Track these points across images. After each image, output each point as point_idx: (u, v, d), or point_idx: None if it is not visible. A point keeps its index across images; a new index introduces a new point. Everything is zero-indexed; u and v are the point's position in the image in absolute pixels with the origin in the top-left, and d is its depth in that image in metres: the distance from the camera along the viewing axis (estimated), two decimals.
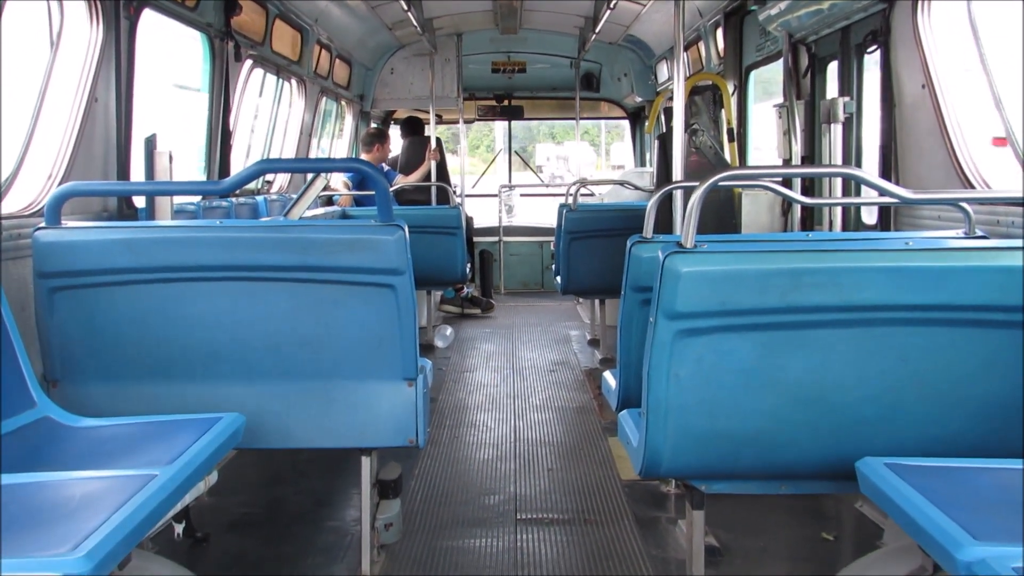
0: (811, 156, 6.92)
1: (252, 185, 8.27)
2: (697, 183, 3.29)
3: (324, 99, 10.65)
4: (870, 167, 6.13)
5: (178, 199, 5.81)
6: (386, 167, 11.19)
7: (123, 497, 2.63)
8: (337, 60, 10.77)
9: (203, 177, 7.17)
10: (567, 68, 13.82)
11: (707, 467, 3.43)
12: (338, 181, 10.06)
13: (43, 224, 3.76)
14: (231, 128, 7.23)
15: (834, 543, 4.64)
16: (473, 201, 14.85)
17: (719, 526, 4.67)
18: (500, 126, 18.55)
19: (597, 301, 9.50)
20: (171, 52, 6.69)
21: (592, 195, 12.92)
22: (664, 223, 6.19)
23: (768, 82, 8.68)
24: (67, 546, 2.32)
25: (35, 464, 3.14)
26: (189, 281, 3.80)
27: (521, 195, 17.20)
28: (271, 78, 8.82)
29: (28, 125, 4.61)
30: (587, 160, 35.18)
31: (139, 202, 5.40)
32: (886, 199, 3.51)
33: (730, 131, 8.65)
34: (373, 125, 12.84)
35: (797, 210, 7.09)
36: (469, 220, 12.35)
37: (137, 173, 5.37)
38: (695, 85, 8.71)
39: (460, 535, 4.77)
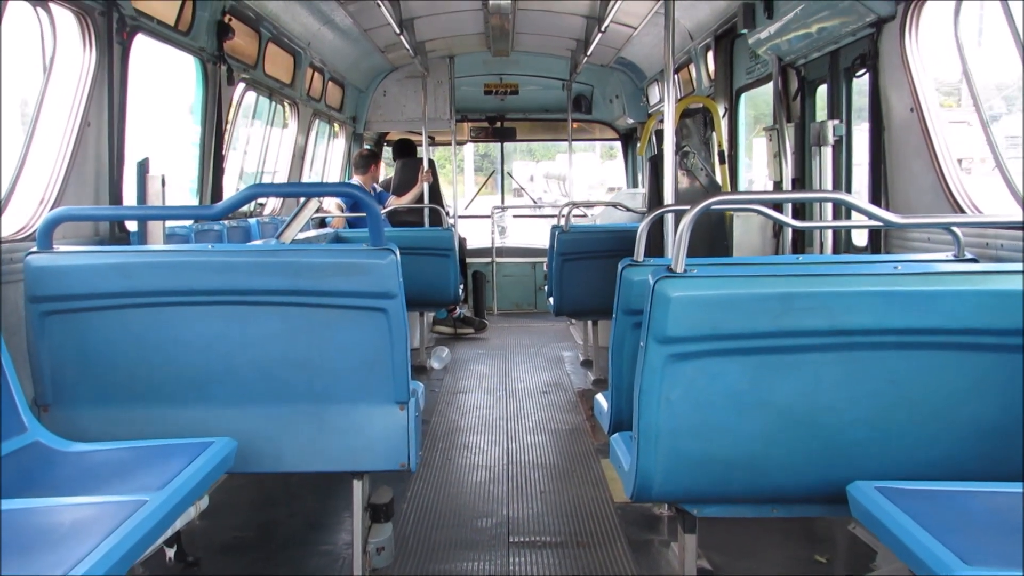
0: (801, 178, 6.96)
1: (244, 208, 8.27)
2: (688, 207, 3.31)
3: (317, 121, 10.68)
4: (860, 188, 6.17)
5: (170, 222, 5.81)
6: (379, 188, 11.22)
7: (114, 523, 2.63)
8: (330, 83, 10.81)
9: (195, 198, 7.17)
10: (559, 90, 13.88)
11: (699, 491, 3.44)
12: (331, 203, 10.08)
13: (35, 248, 3.76)
14: (224, 151, 7.24)
15: (827, 565, 4.63)
16: (465, 222, 14.88)
17: (712, 549, 4.66)
18: (469, 146, 18.68)
19: (590, 322, 9.51)
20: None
21: (585, 216, 12.98)
22: (656, 244, 6.21)
23: (756, 95, 8.74)
24: (58, 573, 2.31)
25: (26, 490, 3.14)
26: (181, 305, 3.80)
27: (513, 216, 17.24)
28: (264, 100, 8.85)
29: (20, 149, 4.62)
30: (593, 179, 30.13)
31: (131, 226, 5.40)
32: (875, 223, 3.53)
33: (721, 153, 8.70)
34: (365, 147, 12.87)
35: (788, 232, 7.12)
36: (462, 241, 12.37)
37: (129, 197, 5.38)
38: (686, 108, 8.76)
39: (452, 558, 4.76)
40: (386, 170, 12.80)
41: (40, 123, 4.74)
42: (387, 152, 14.05)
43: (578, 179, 23.98)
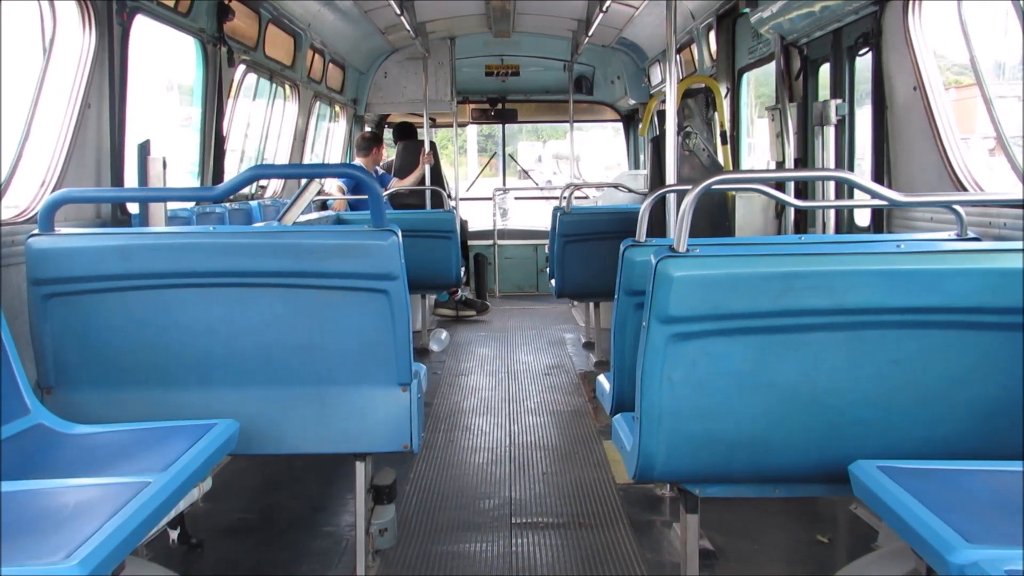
0: (804, 158, 6.94)
1: (246, 190, 8.27)
2: (690, 187, 3.30)
3: (318, 103, 10.65)
4: (863, 168, 6.15)
5: (171, 204, 5.80)
6: (381, 171, 11.20)
7: (117, 504, 2.63)
8: (330, 64, 10.78)
9: (196, 182, 7.16)
10: (560, 71, 13.84)
11: (701, 471, 3.44)
12: (333, 185, 10.07)
13: (36, 231, 3.76)
14: (224, 133, 7.23)
15: (829, 545, 4.65)
16: (468, 204, 14.87)
17: (714, 529, 4.67)
18: (472, 127, 18.60)
19: (592, 304, 9.50)
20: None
21: (586, 197, 12.96)
22: (658, 226, 6.20)
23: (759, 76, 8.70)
24: (61, 554, 2.32)
25: (29, 472, 3.14)
26: (183, 287, 3.79)
27: (515, 198, 17.21)
28: (264, 82, 8.82)
29: (21, 131, 4.61)
30: (609, 159, 25.03)
31: (133, 208, 5.39)
32: (878, 202, 3.52)
33: (723, 133, 8.67)
34: (367, 129, 12.85)
35: (791, 212, 7.11)
36: (463, 224, 12.36)
37: (131, 179, 5.37)
38: (688, 88, 8.72)
39: (455, 539, 4.77)
40: (387, 152, 12.79)
41: (40, 105, 4.73)
42: (387, 135, 14.03)
43: (592, 159, 23.18)
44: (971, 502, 2.74)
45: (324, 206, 9.93)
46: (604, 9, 9.01)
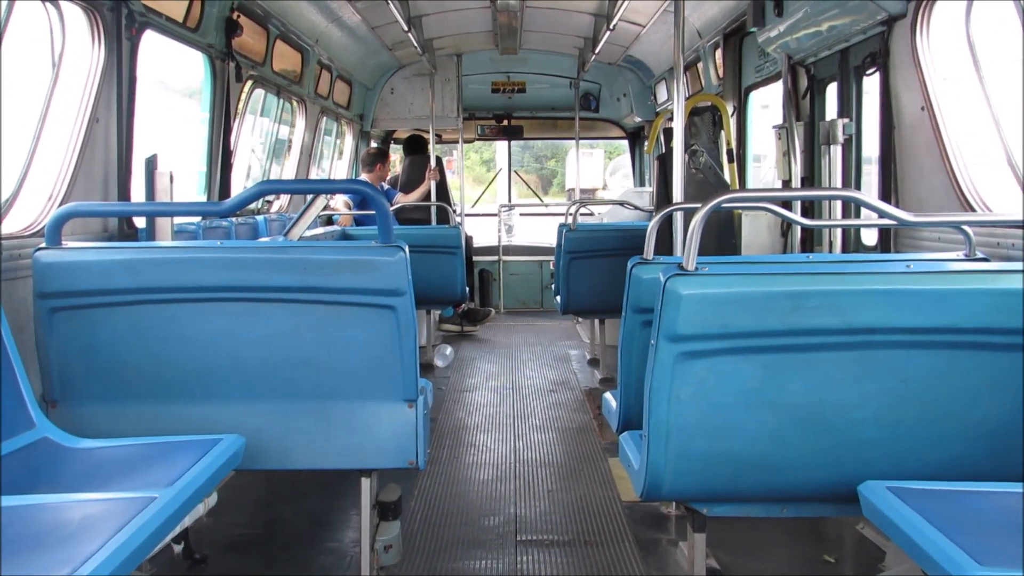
0: (811, 177, 6.94)
1: (252, 205, 8.27)
2: (697, 205, 3.30)
3: (324, 119, 10.68)
4: (870, 188, 6.14)
5: (178, 219, 5.80)
6: (386, 186, 11.22)
7: (122, 520, 2.62)
8: (337, 80, 10.81)
9: (203, 196, 7.17)
10: (566, 88, 13.87)
11: (708, 490, 3.42)
12: (339, 200, 10.08)
13: (43, 244, 3.76)
14: (232, 148, 7.24)
15: (835, 565, 4.62)
16: (472, 220, 14.88)
17: (720, 548, 4.65)
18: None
19: (597, 320, 9.50)
20: None
21: (592, 215, 12.97)
22: (664, 243, 6.20)
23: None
24: (65, 570, 2.31)
25: (34, 486, 3.13)
26: (189, 302, 3.79)
27: (521, 215, 17.22)
28: (272, 98, 8.84)
29: (29, 145, 4.62)
30: None
31: (139, 222, 5.39)
32: (886, 221, 3.51)
33: (729, 152, 8.67)
34: (373, 145, 12.87)
35: (797, 231, 7.10)
36: (468, 239, 12.36)
37: (138, 193, 5.38)
38: (694, 106, 8.73)
39: (460, 557, 4.75)
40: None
41: (48, 119, 4.74)
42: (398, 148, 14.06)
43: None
44: (981, 523, 2.73)
45: (330, 221, 9.94)
46: (611, 27, 9.03)
